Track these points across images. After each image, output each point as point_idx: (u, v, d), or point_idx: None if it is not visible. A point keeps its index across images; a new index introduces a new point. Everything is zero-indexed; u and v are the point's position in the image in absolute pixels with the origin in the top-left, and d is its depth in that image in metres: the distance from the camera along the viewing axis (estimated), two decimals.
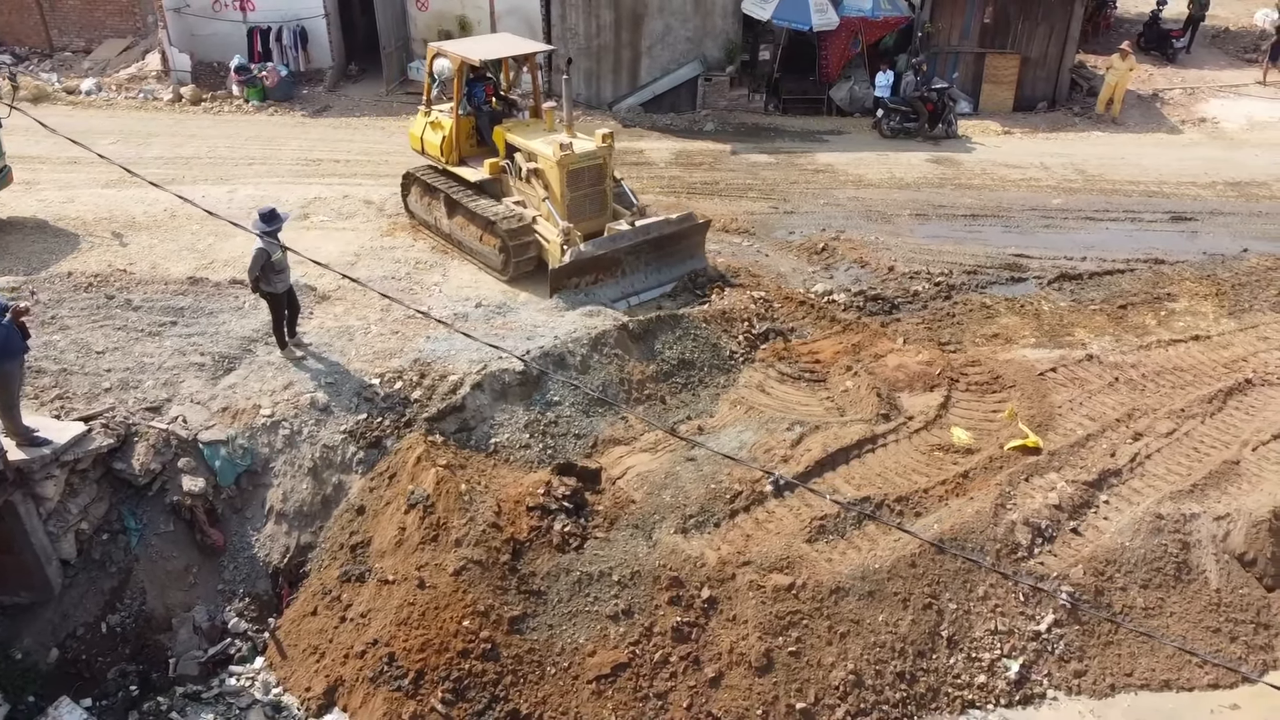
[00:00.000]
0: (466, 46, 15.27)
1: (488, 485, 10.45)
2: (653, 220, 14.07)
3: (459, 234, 14.72)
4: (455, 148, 14.95)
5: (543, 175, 13.87)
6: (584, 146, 13.77)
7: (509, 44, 15.73)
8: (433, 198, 15.18)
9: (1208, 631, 9.89)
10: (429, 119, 15.32)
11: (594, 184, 14.03)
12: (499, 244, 13.87)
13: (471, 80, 15.03)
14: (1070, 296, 14.50)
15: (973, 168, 19.31)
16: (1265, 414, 11.86)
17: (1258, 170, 19.30)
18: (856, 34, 21.90)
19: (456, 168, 15.00)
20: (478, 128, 15.19)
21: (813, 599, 9.65)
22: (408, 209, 16.08)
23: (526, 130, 14.66)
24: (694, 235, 14.39)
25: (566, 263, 13.26)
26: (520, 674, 9.26)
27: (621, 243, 13.64)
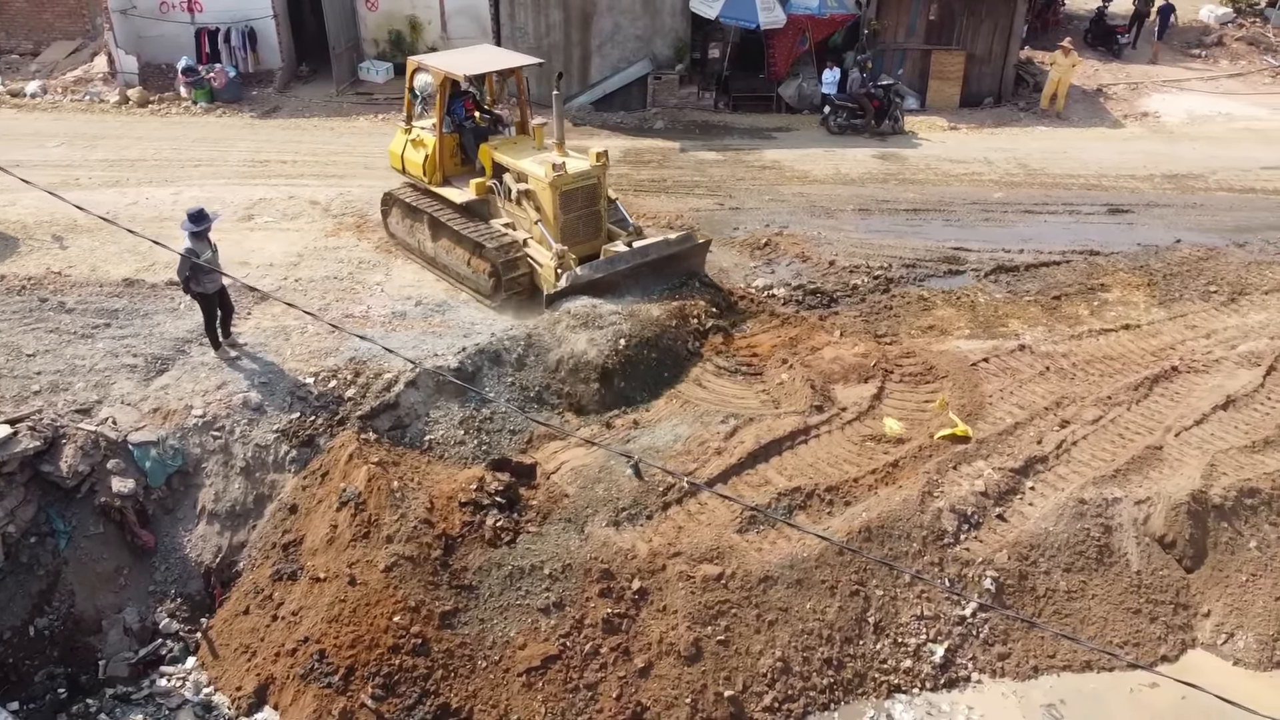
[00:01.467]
0: (450, 61, 14.45)
1: (420, 482, 10.50)
2: (651, 241, 13.50)
3: (444, 258, 14.00)
4: (439, 167, 14.25)
5: (534, 197, 13.23)
6: (577, 166, 13.16)
7: (494, 57, 15.05)
8: (415, 220, 14.46)
9: (1128, 613, 10.11)
10: (410, 137, 14.61)
11: (588, 205, 13.39)
12: (489, 269, 13.20)
13: (453, 95, 14.33)
14: (1006, 288, 14.74)
15: (917, 163, 19.55)
16: (1189, 400, 12.12)
17: (1194, 163, 19.68)
18: (804, 32, 22.10)
19: (440, 188, 14.26)
20: (461, 145, 14.52)
21: (741, 588, 9.77)
22: (388, 231, 15.34)
23: (515, 148, 13.95)
24: (694, 256, 13.85)
25: (562, 288, 12.61)
26: (451, 668, 9.30)
27: (619, 265, 13.01)
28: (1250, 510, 10.62)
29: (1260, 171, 19.27)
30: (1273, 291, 14.62)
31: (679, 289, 13.58)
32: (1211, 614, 10.19)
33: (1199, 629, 10.15)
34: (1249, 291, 14.62)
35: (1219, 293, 14.59)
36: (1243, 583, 10.30)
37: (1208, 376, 12.56)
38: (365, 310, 13.06)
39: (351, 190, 17.65)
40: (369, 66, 24.15)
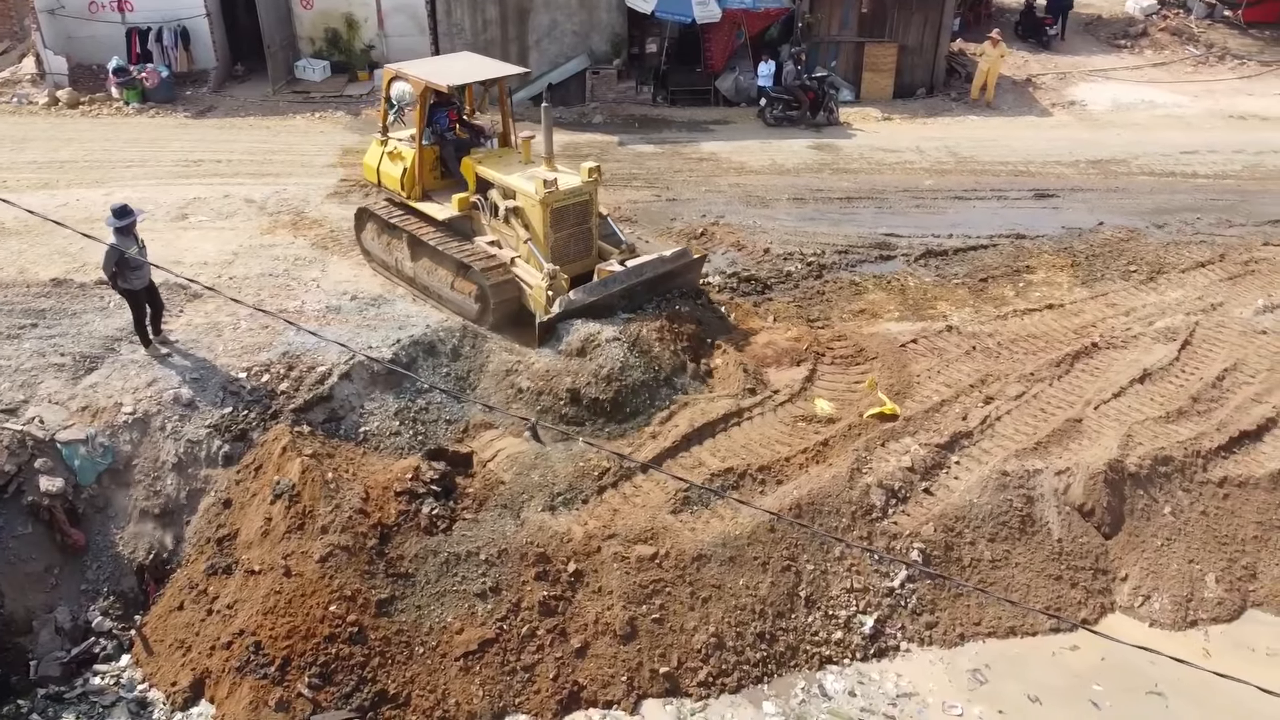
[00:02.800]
0: (430, 70, 13.54)
1: (355, 473, 10.53)
2: (645, 260, 12.84)
3: (425, 278, 13.26)
4: (418, 181, 13.51)
5: (523, 214, 12.56)
6: (569, 182, 12.47)
7: (477, 66, 14.11)
8: (393, 237, 13.69)
9: (1050, 579, 10.44)
10: (386, 149, 13.83)
11: (579, 222, 12.76)
12: (475, 291, 12.56)
13: (435, 106, 13.59)
14: (935, 272, 15.09)
15: (851, 153, 19.89)
16: (1108, 375, 12.52)
17: (1118, 149, 20.25)
18: (739, 25, 22.36)
19: (420, 203, 13.54)
20: (442, 158, 13.80)
21: (675, 567, 9.95)
22: (362, 248, 14.56)
23: (500, 163, 13.24)
24: (689, 272, 13.31)
25: (556, 313, 11.96)
26: (388, 655, 9.37)
27: (614, 286, 12.35)
28: (1164, 477, 11.01)
29: (1180, 156, 19.89)
30: (1189, 270, 15.13)
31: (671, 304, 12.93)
32: (1129, 578, 10.57)
33: (1117, 593, 10.52)
34: (1167, 270, 15.11)
35: (1138, 272, 15.08)
36: (1158, 547, 10.69)
37: (1126, 352, 12.98)
38: (299, 306, 13.03)
39: (288, 189, 17.57)
40: (305, 65, 23.99)
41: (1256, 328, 13.50)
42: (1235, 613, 10.44)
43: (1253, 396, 12.13)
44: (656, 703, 9.38)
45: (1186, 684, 9.61)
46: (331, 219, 16.25)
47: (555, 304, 12.00)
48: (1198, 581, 10.55)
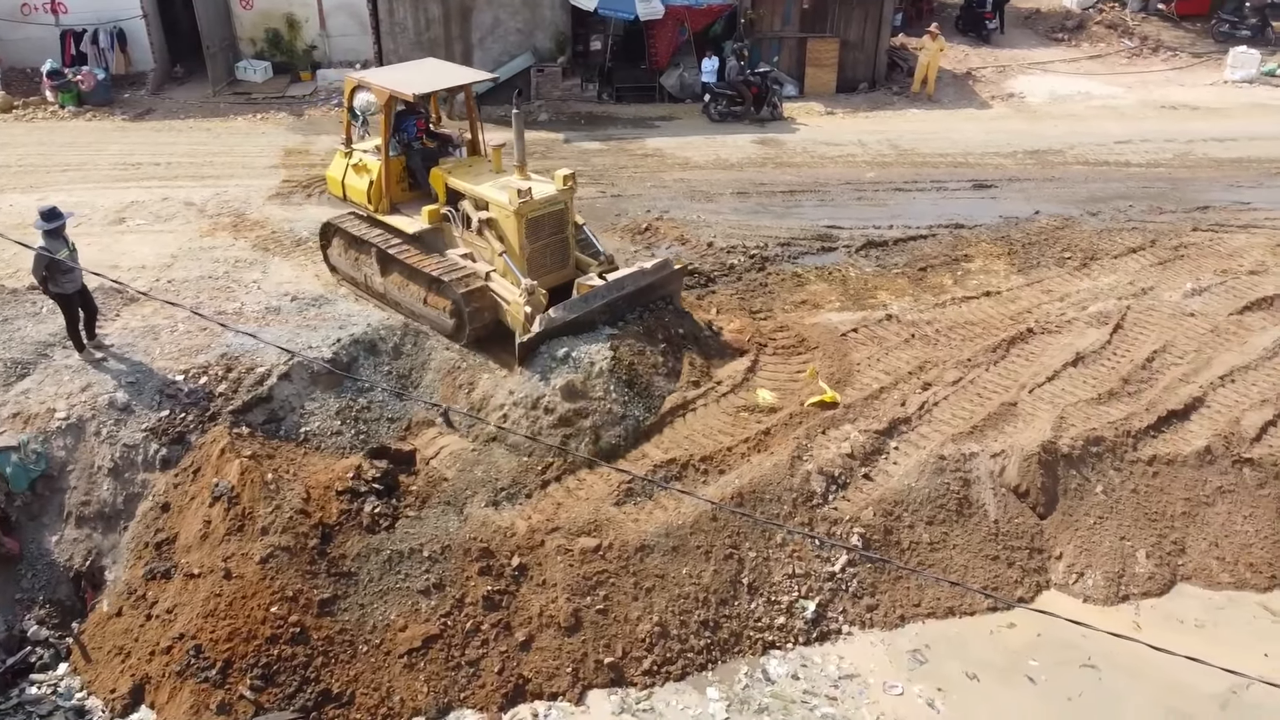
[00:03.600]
0: (394, 78, 12.99)
1: (296, 473, 10.47)
2: (626, 273, 12.35)
3: (396, 294, 12.82)
4: (385, 194, 12.97)
5: (497, 226, 12.07)
6: (544, 191, 12.03)
7: (443, 73, 13.63)
8: (361, 252, 13.21)
9: (987, 559, 10.66)
10: (351, 161, 13.29)
11: (555, 232, 12.32)
12: (449, 306, 12.16)
13: (401, 115, 13.09)
14: (876, 262, 15.31)
15: (794, 147, 20.10)
16: (1043, 359, 12.79)
17: (1055, 140, 20.67)
18: (683, 22, 22.49)
19: (388, 217, 13.00)
20: (409, 169, 13.27)
21: (619, 558, 10.02)
22: (329, 264, 14.05)
23: (471, 172, 12.75)
24: (670, 284, 12.80)
25: (536, 333, 11.41)
26: (331, 654, 9.34)
27: (595, 303, 11.84)
28: (1096, 457, 11.28)
29: (1114, 146, 20.34)
30: (1121, 256, 15.50)
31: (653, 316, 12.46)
32: (1063, 556, 10.82)
33: (1052, 571, 10.77)
34: (1100, 257, 15.46)
35: (1073, 259, 15.41)
36: (1090, 525, 10.95)
37: (1060, 336, 13.26)
38: (239, 308, 12.91)
39: (229, 190, 17.39)
40: (246, 66, 23.72)
41: (1185, 310, 13.87)
42: (1165, 587, 10.73)
43: (1181, 377, 12.46)
44: (602, 693, 9.45)
45: (1119, 657, 9.86)
46: (273, 220, 16.11)
47: (535, 323, 11.44)
48: (1129, 558, 10.83)
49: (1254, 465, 11.36)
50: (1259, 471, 11.33)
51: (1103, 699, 9.48)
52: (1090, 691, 9.57)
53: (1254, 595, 10.66)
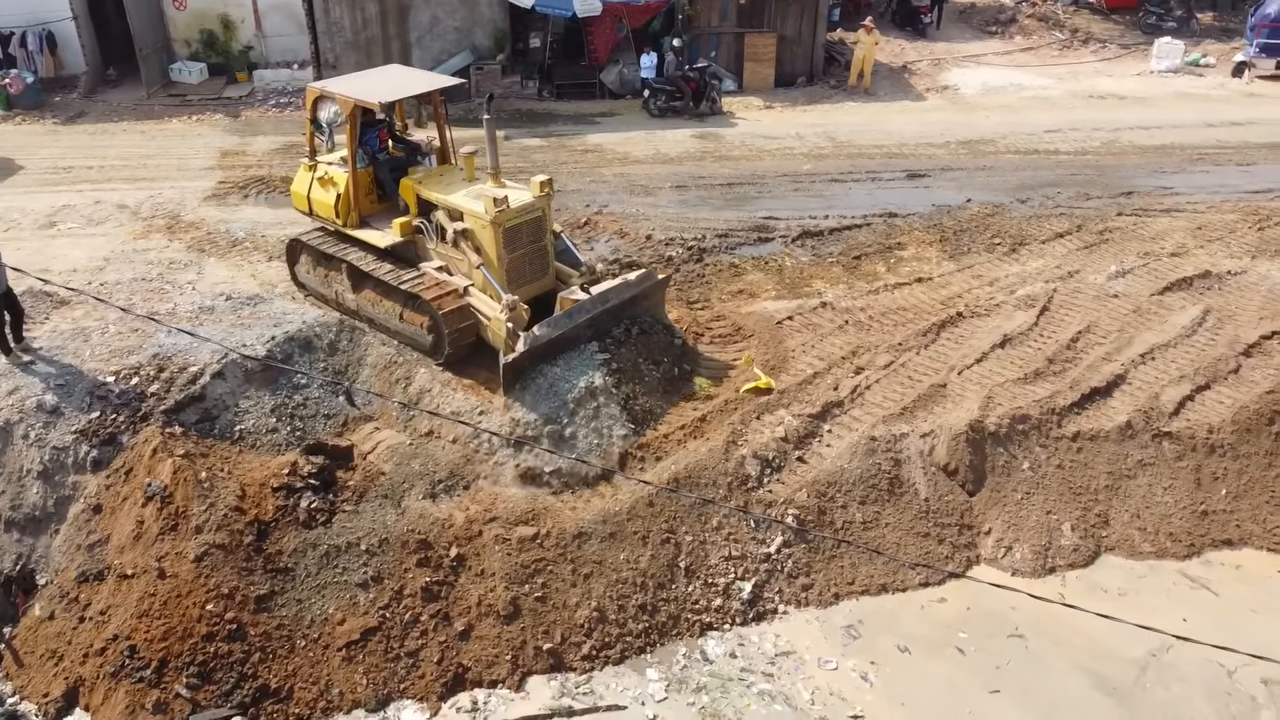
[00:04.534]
0: (358, 87, 12.41)
1: (231, 471, 10.44)
2: (610, 285, 12.03)
3: (370, 310, 12.37)
4: (354, 207, 12.50)
5: (473, 236, 11.64)
6: (520, 198, 11.61)
7: (408, 80, 13.06)
8: (331, 268, 12.71)
9: (919, 536, 10.92)
10: (315, 174, 12.74)
11: (534, 240, 11.89)
12: (427, 323, 11.74)
13: (362, 125, 12.54)
14: (811, 251, 15.55)
15: (733, 141, 20.32)
16: (971, 342, 13.10)
17: (987, 130, 21.11)
18: (621, 19, 22.61)
19: (358, 231, 12.54)
20: (377, 181, 12.77)
21: (556, 546, 10.13)
22: (296, 281, 13.49)
23: (442, 182, 12.29)
24: (654, 294, 12.52)
25: (521, 352, 10.98)
26: (269, 650, 9.34)
27: (579, 317, 11.52)
28: (1022, 435, 11.60)
29: (1044, 135, 20.82)
30: (1049, 241, 15.89)
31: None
32: (992, 531, 11.12)
33: (982, 546, 11.06)
34: (1028, 242, 15.84)
35: (1002, 245, 15.77)
36: (1018, 501, 11.26)
37: (989, 319, 13.58)
38: (172, 309, 12.80)
39: (164, 192, 17.21)
40: (181, 67, 23.43)
41: (1109, 292, 14.26)
42: (1090, 558, 11.07)
43: (1103, 356, 12.83)
44: (541, 679, 9.55)
45: (1044, 626, 10.21)
46: (209, 221, 15.98)
47: (520, 341, 11.03)
48: (1055, 531, 11.15)
49: (1172, 439, 11.74)
50: (1177, 444, 11.72)
51: (1029, 666, 9.78)
52: (1017, 660, 9.86)
53: (1173, 563, 11.03)
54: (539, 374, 11.40)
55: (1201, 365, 12.61)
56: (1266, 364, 12.72)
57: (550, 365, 11.46)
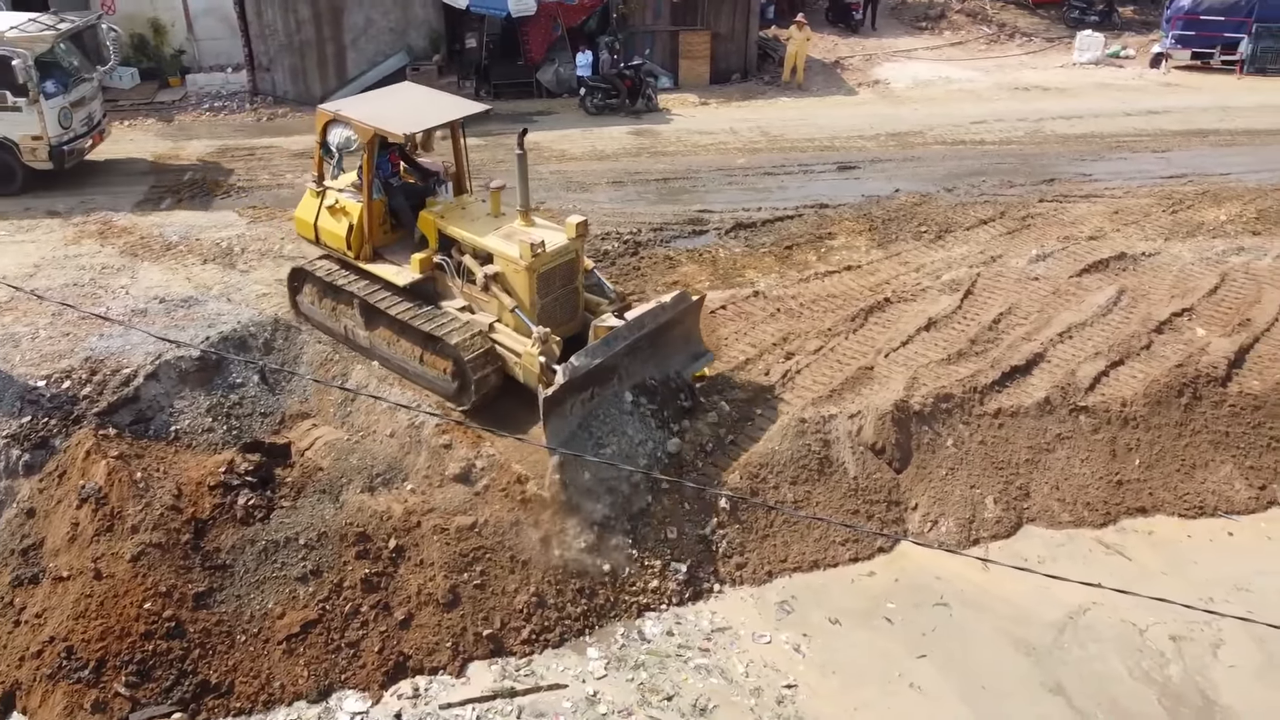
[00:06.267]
0: (375, 112, 11.51)
1: (167, 471, 10.49)
2: (644, 310, 11.36)
3: (385, 350, 11.76)
4: (368, 239, 11.76)
5: (504, 280, 11.04)
6: (555, 240, 11.03)
7: (432, 105, 12.17)
8: (341, 302, 12.03)
9: (848, 514, 11.26)
10: (325, 202, 11.97)
11: (566, 283, 11.36)
12: (451, 368, 11.15)
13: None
14: (744, 243, 15.89)
15: (669, 137, 20.61)
16: (898, 325, 13.51)
17: (915, 122, 21.63)
18: (556, 18, 22.79)
19: (372, 265, 11.83)
20: (391, 209, 11.99)
21: (495, 534, 10.32)
22: (298, 311, 12.70)
23: (466, 217, 11.62)
24: (689, 316, 11.88)
25: (562, 383, 10.22)
26: (209, 646, 9.41)
27: (616, 345, 10.81)
28: (946, 413, 12.01)
29: (970, 126, 21.40)
30: (973, 227, 16.41)
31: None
32: (919, 507, 11.52)
33: (909, 521, 11.45)
34: (954, 229, 16.34)
35: (928, 232, 16.25)
36: (943, 476, 11.67)
37: (915, 304, 14.02)
38: (104, 312, 12.73)
39: (95, 198, 17.03)
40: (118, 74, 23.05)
41: (1030, 275, 14.79)
42: (1012, 529, 11.52)
43: (1023, 335, 13.31)
44: (482, 664, 9.74)
45: (968, 593, 10.65)
46: (142, 226, 15.87)
47: (559, 373, 10.32)
48: (979, 504, 11.58)
49: (1088, 412, 12.24)
50: (1093, 418, 12.22)
51: (954, 632, 10.17)
52: (943, 627, 10.26)
53: (1090, 531, 11.52)
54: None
55: (1116, 342, 13.15)
56: (1176, 340, 13.33)
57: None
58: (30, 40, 16.25)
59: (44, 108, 16.18)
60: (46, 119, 16.30)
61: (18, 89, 16.05)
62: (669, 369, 11.66)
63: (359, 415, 11.37)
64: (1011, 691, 9.60)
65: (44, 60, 16.32)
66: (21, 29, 16.40)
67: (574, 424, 10.73)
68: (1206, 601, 10.15)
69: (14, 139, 16.43)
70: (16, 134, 16.39)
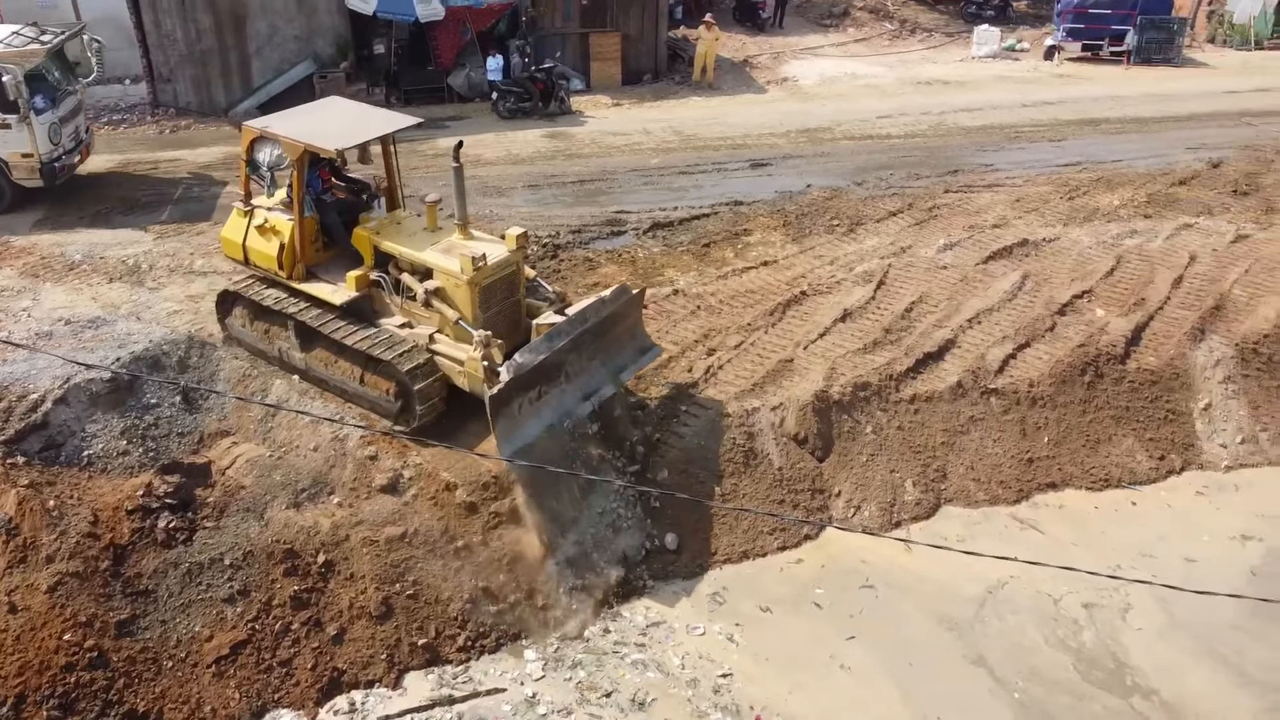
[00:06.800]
0: (304, 128, 11.20)
1: (81, 497, 10.19)
2: (585, 305, 11.30)
3: (322, 371, 11.47)
4: (300, 258, 11.40)
5: (445, 295, 10.85)
6: (496, 253, 10.85)
7: (362, 121, 11.87)
8: (273, 323, 11.71)
9: (775, 504, 11.51)
10: (253, 221, 11.57)
11: (508, 296, 11.20)
12: (393, 387, 10.92)
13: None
14: (662, 242, 16.07)
15: (583, 139, 20.71)
16: (815, 318, 13.84)
17: (824, 118, 22.12)
18: (464, 22, 22.68)
19: (305, 284, 11.47)
20: (324, 226, 11.64)
21: (425, 543, 10.27)
22: (228, 334, 12.34)
23: (402, 233, 11.36)
24: (632, 310, 11.79)
25: (507, 381, 10.04)
26: (134, 674, 9.20)
27: (559, 341, 10.69)
28: (864, 401, 12.36)
29: (876, 120, 21.99)
30: (883, 220, 16.87)
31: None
32: (842, 493, 11.83)
33: (833, 508, 11.76)
34: (865, 222, 16.78)
35: (841, 225, 16.65)
36: (864, 463, 12.01)
37: (830, 296, 14.36)
38: (6, 336, 12.30)
39: None
40: None
41: (938, 264, 15.28)
42: (931, 510, 11.93)
43: (935, 323, 13.76)
44: (419, 673, 9.71)
45: (892, 575, 11.00)
46: (42, 245, 15.31)
47: (503, 371, 10.22)
48: (899, 488, 11.96)
49: (998, 394, 12.74)
50: (1003, 399, 12.72)
51: (880, 613, 10.50)
52: (870, 608, 10.57)
53: (1005, 508, 12.00)
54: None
55: (1022, 325, 13.69)
56: (1078, 321, 13.93)
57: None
58: (20, 55, 15.55)
59: (34, 124, 15.49)
60: (37, 136, 15.59)
61: (8, 105, 15.41)
62: (617, 364, 11.62)
63: (281, 430, 11.19)
64: (937, 666, 9.96)
65: (31, 75, 15.63)
66: (7, 43, 15.65)
67: (525, 425, 10.55)
68: (1114, 569, 10.69)
69: (3, 157, 15.78)
70: (6, 152, 15.72)
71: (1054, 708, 9.59)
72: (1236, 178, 18.65)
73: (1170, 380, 13.21)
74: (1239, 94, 24.01)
